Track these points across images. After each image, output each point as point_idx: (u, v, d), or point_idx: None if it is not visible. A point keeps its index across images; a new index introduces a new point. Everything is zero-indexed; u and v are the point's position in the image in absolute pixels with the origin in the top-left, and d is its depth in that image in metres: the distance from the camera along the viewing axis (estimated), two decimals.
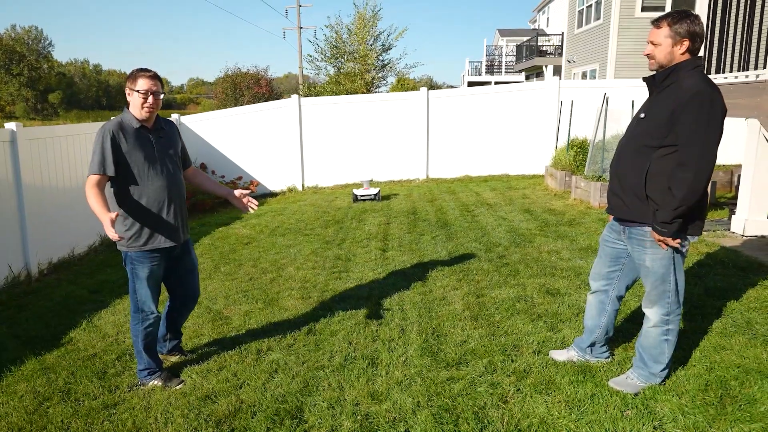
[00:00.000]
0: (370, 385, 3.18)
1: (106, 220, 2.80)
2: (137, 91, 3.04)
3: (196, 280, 3.54)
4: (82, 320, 4.47)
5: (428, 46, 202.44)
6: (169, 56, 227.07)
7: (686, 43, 2.65)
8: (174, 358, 3.66)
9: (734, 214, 6.27)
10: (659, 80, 2.75)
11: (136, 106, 3.07)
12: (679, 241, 2.71)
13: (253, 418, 2.91)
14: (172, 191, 3.20)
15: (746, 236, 5.99)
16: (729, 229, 6.25)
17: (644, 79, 2.86)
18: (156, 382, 3.30)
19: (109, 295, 5.14)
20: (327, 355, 3.59)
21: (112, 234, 2.81)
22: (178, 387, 3.27)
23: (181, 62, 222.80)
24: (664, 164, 2.67)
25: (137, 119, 3.10)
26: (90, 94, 78.41)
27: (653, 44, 2.72)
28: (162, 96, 3.12)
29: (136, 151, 3.07)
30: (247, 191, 3.41)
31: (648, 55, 2.76)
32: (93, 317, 4.55)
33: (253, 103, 22.68)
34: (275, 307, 4.53)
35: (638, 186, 2.77)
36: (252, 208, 3.40)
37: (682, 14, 2.68)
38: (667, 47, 2.67)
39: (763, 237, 5.94)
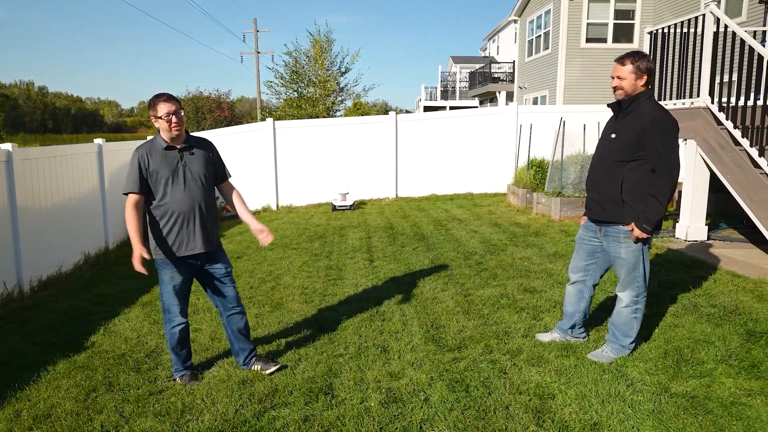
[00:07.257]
0: (387, 367, 3.66)
1: (136, 252, 3.23)
2: (160, 117, 3.30)
3: (227, 288, 3.62)
4: (98, 327, 4.74)
5: (383, 72, 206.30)
6: (118, 78, 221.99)
7: (645, 77, 3.35)
8: (263, 370, 3.65)
9: (678, 222, 7.13)
10: (624, 107, 3.42)
11: (164, 130, 3.35)
12: (646, 235, 3.35)
13: (290, 395, 3.34)
14: (194, 204, 3.42)
15: (688, 240, 6.84)
16: (674, 236, 7.10)
17: (609, 105, 3.55)
18: (177, 380, 3.60)
19: (115, 305, 5.39)
20: (342, 346, 4.05)
21: (138, 266, 3.23)
22: (193, 383, 3.55)
23: (131, 85, 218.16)
24: (635, 174, 3.33)
25: (165, 140, 3.38)
26: (35, 117, 75.87)
27: (619, 78, 3.40)
28: (182, 113, 3.38)
29: (161, 168, 3.35)
30: (262, 229, 3.61)
31: (615, 87, 3.43)
32: (108, 324, 4.82)
33: (215, 126, 22.88)
34: (283, 310, 4.95)
35: (615, 193, 3.39)
36: (264, 243, 3.62)
37: (641, 54, 3.38)
38: (632, 80, 3.35)
39: (702, 241, 6.80)
